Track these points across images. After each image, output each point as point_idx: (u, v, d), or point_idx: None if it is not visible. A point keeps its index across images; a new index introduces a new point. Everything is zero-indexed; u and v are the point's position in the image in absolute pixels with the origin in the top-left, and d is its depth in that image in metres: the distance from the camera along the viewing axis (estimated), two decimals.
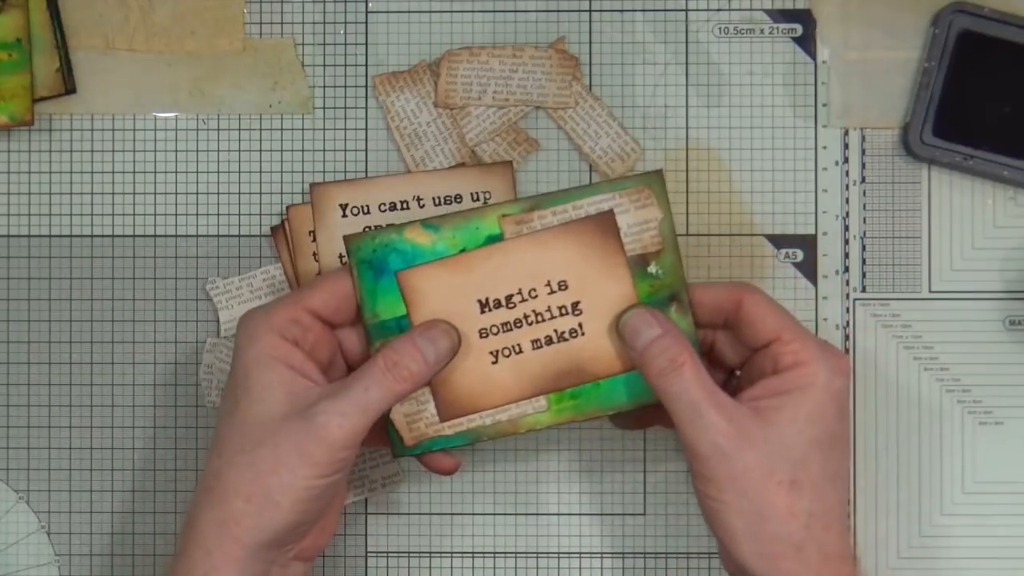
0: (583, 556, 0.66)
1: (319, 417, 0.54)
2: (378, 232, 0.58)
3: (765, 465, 0.54)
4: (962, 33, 0.65)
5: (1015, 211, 0.66)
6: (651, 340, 0.56)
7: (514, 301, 0.58)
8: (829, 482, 0.55)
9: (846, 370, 0.56)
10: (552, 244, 0.58)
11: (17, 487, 0.67)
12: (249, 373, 0.56)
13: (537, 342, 0.58)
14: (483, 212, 0.58)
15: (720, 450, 0.54)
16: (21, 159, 0.67)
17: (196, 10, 0.67)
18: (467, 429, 0.59)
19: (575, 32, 0.67)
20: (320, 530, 0.58)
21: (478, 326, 0.58)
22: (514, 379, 0.58)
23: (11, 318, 0.67)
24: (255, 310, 0.57)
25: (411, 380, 0.56)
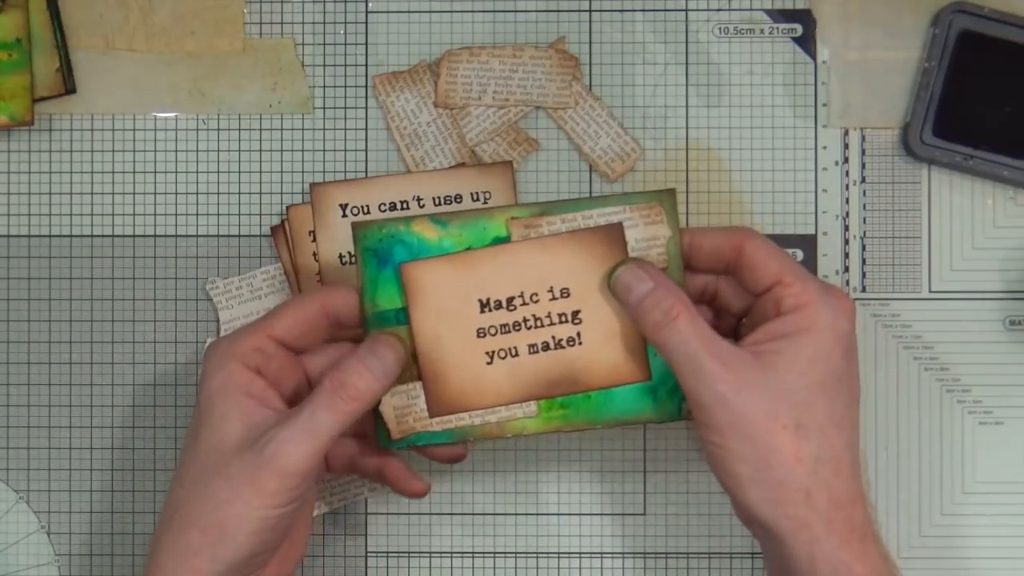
0: (583, 556, 0.66)
1: (269, 446, 0.54)
2: (386, 222, 0.58)
3: (768, 409, 0.53)
4: (962, 33, 0.65)
5: (1015, 211, 0.66)
6: (644, 294, 0.55)
7: (515, 304, 0.58)
8: (836, 426, 0.54)
9: (850, 311, 0.55)
10: (558, 251, 0.58)
11: (17, 487, 0.67)
12: (211, 402, 0.56)
13: (534, 347, 0.58)
14: (492, 213, 0.58)
15: (721, 397, 0.53)
16: (21, 159, 0.67)
17: (196, 10, 0.67)
18: (455, 427, 0.59)
19: (575, 32, 0.67)
20: (283, 559, 0.58)
21: (476, 325, 0.58)
22: (507, 382, 0.58)
23: (11, 318, 0.67)
24: (221, 339, 0.57)
25: (359, 399, 0.55)
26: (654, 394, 0.58)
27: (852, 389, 0.55)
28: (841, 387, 0.55)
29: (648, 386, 0.58)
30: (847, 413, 0.55)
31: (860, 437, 0.56)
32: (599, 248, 0.57)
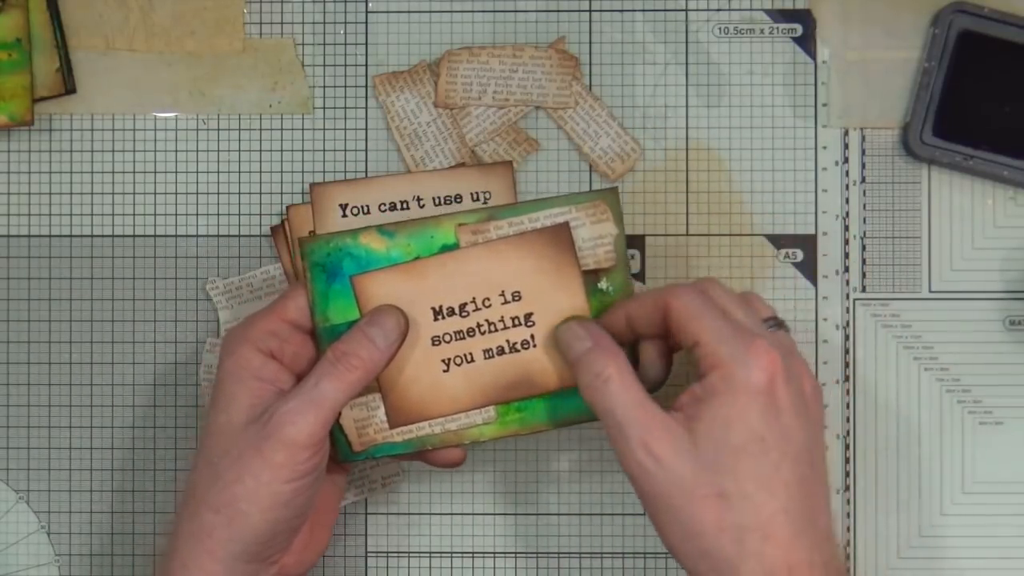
0: (583, 556, 0.66)
1: (273, 418, 0.54)
2: (333, 236, 0.58)
3: (688, 480, 0.52)
4: (962, 33, 0.65)
5: (1015, 211, 0.66)
6: (581, 353, 0.55)
7: (467, 310, 0.58)
8: (765, 489, 0.52)
9: (767, 367, 0.53)
10: (507, 254, 0.58)
11: (17, 487, 0.67)
12: (221, 386, 0.56)
13: (489, 352, 0.58)
14: (438, 221, 0.58)
15: (643, 468, 0.52)
16: (21, 159, 0.67)
17: (196, 10, 0.67)
18: (415, 437, 0.59)
19: (575, 32, 0.67)
20: (305, 546, 0.58)
21: (431, 333, 0.58)
22: (464, 388, 0.58)
23: (11, 318, 0.67)
24: (236, 325, 0.58)
25: (361, 367, 0.56)
26: None
27: (785, 447, 0.53)
28: (767, 447, 0.52)
29: None
30: (777, 475, 0.52)
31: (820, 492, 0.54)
32: (547, 249, 0.58)
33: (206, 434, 0.57)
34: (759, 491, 0.52)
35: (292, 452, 0.54)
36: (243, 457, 0.54)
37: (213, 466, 0.55)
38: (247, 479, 0.54)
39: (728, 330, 0.54)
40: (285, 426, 0.54)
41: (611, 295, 0.58)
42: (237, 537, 0.54)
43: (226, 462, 0.55)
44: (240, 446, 0.55)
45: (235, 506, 0.54)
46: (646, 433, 0.52)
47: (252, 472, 0.54)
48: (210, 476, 0.55)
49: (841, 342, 0.66)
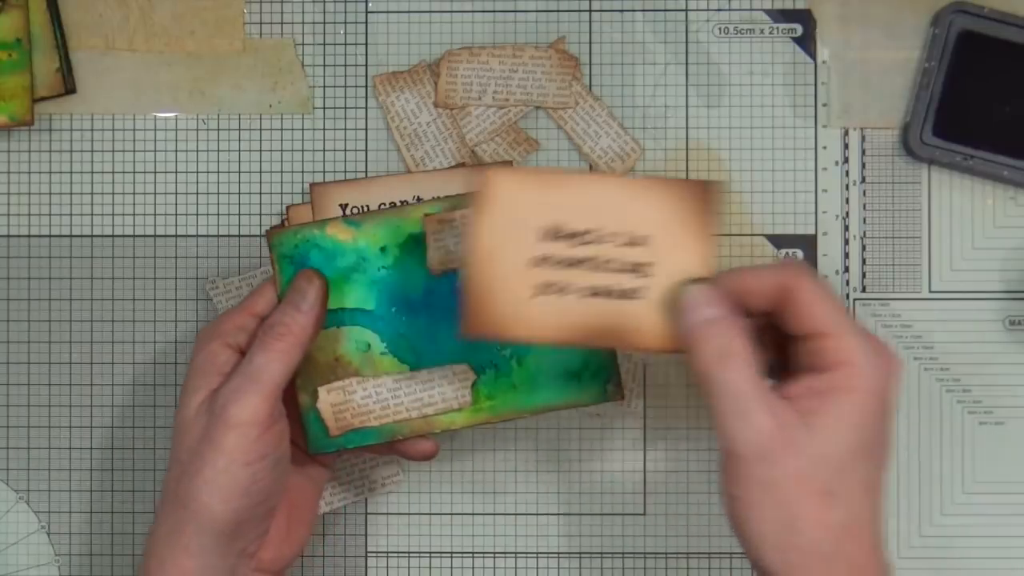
0: (583, 556, 0.66)
1: (217, 403, 0.55)
2: (300, 227, 0.58)
3: (803, 473, 0.51)
4: (962, 33, 0.65)
5: (1015, 211, 0.66)
6: (706, 320, 0.52)
7: (586, 239, 0.54)
8: (865, 492, 0.52)
9: (895, 371, 0.52)
10: (650, 194, 0.54)
11: (17, 487, 0.67)
12: (187, 381, 0.57)
13: (589, 290, 0.54)
14: (405, 211, 0.58)
15: (759, 452, 0.51)
16: (21, 159, 0.67)
17: (196, 10, 0.67)
18: (390, 423, 0.58)
19: (575, 32, 0.67)
20: (282, 540, 0.58)
21: (535, 253, 0.54)
22: (550, 321, 0.54)
23: (11, 318, 0.67)
24: (209, 322, 0.58)
25: (288, 334, 0.56)
26: (578, 378, 0.59)
27: (885, 453, 0.53)
28: (875, 451, 0.52)
29: (572, 371, 0.58)
30: (877, 478, 0.52)
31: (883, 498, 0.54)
32: (693, 204, 0.54)
33: (174, 432, 0.57)
34: (863, 494, 0.52)
35: (240, 432, 0.54)
36: (198, 448, 0.55)
37: (178, 462, 0.56)
38: (205, 470, 0.54)
39: (854, 326, 0.52)
40: (228, 408, 0.54)
41: None
42: (205, 530, 0.54)
43: (185, 457, 0.55)
44: (193, 437, 0.55)
45: (198, 498, 0.54)
46: (770, 418, 0.51)
47: (208, 461, 0.54)
48: (176, 473, 0.56)
49: None
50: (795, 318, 0.53)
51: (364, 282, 0.58)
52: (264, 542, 0.57)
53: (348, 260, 0.58)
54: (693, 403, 0.66)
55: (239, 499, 0.54)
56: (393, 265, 0.59)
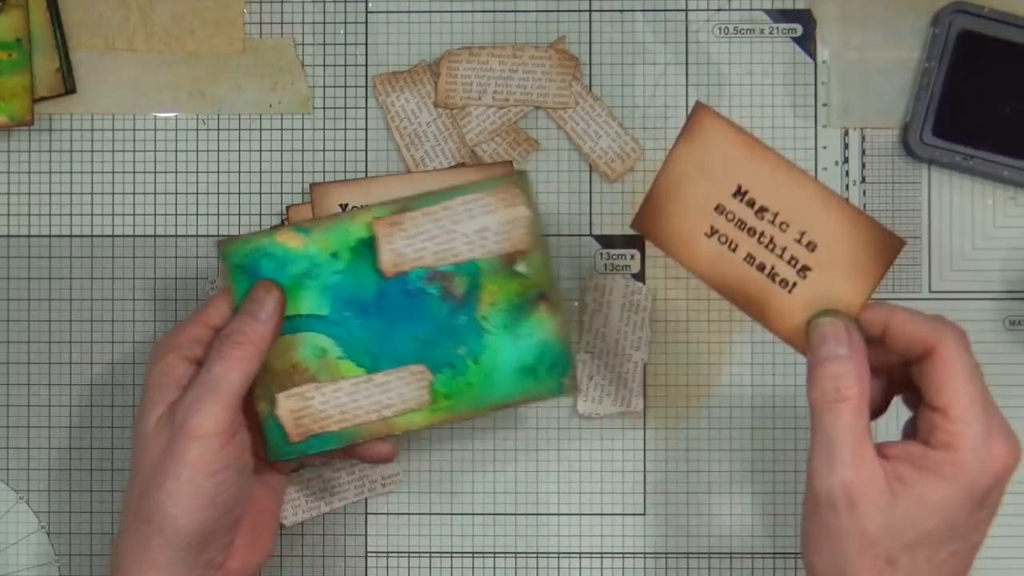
0: (583, 556, 0.66)
1: (177, 415, 0.54)
2: (250, 237, 0.58)
3: (869, 536, 0.51)
4: (962, 33, 0.65)
5: (1015, 211, 0.66)
6: (832, 356, 0.53)
7: (764, 216, 0.55)
8: (933, 572, 0.51)
9: (999, 469, 0.51)
10: (840, 216, 0.55)
11: (17, 487, 0.67)
12: (145, 395, 0.57)
13: (751, 258, 0.55)
14: (353, 216, 0.58)
15: (831, 502, 0.51)
16: (21, 159, 0.67)
17: (196, 10, 0.67)
18: (350, 427, 0.58)
19: (575, 32, 0.67)
20: (248, 548, 0.58)
21: (720, 202, 0.55)
22: (710, 262, 0.56)
23: (11, 318, 0.67)
24: (163, 335, 0.58)
25: (245, 343, 0.56)
26: (534, 373, 0.59)
27: (968, 538, 0.52)
28: (955, 536, 0.52)
29: (527, 366, 0.59)
30: (952, 561, 0.52)
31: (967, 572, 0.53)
32: (874, 248, 0.55)
33: (133, 446, 0.57)
34: (927, 572, 0.51)
35: (203, 444, 0.54)
36: (160, 460, 0.54)
37: (139, 475, 0.55)
38: (168, 482, 0.54)
39: (980, 412, 0.51)
40: (188, 419, 0.54)
41: (530, 277, 0.58)
42: (171, 543, 0.54)
43: (147, 470, 0.55)
44: (155, 450, 0.55)
45: (163, 511, 0.54)
46: (859, 476, 0.51)
47: (171, 474, 0.54)
48: (139, 487, 0.55)
49: None
50: (925, 380, 0.52)
51: (317, 288, 0.59)
52: (230, 552, 0.57)
53: (300, 267, 0.58)
54: (693, 403, 0.66)
55: (205, 510, 0.54)
56: (345, 270, 0.59)
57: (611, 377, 0.66)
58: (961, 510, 0.51)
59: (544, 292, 0.58)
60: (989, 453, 0.51)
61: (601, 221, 0.67)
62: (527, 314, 0.59)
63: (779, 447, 0.66)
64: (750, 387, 0.66)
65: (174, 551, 0.54)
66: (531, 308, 0.58)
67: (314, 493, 0.66)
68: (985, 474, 0.51)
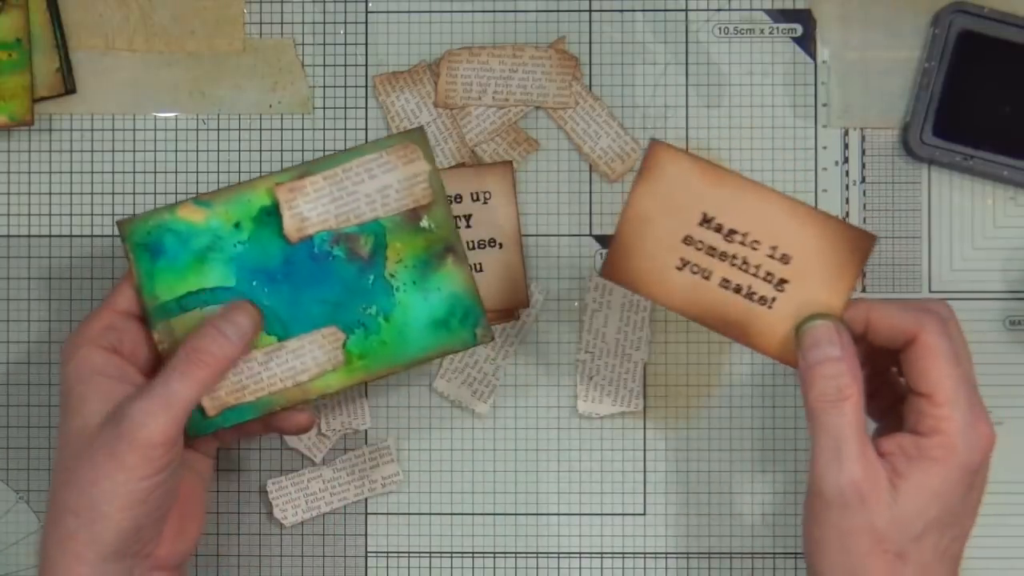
0: (583, 556, 0.66)
1: (125, 420, 0.54)
2: (150, 214, 0.58)
3: (878, 531, 0.52)
4: (962, 33, 0.65)
5: (1015, 211, 0.66)
6: (827, 359, 0.53)
7: (733, 238, 0.55)
8: (939, 559, 0.53)
9: (988, 447, 0.53)
10: (806, 222, 0.55)
11: (17, 487, 0.67)
12: (70, 392, 0.56)
13: (727, 283, 0.56)
14: (253, 184, 0.59)
15: (842, 499, 0.52)
16: (21, 159, 0.67)
17: (196, 10, 0.67)
18: (265, 396, 0.58)
19: (575, 32, 0.67)
20: (176, 536, 0.58)
21: (689, 232, 0.55)
22: (685, 294, 0.56)
23: (11, 318, 0.67)
24: (72, 331, 0.58)
25: (213, 363, 0.56)
26: (447, 326, 0.59)
27: (964, 522, 0.54)
28: (954, 521, 0.53)
29: (439, 319, 0.59)
30: (951, 547, 0.53)
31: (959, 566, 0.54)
32: (845, 248, 0.55)
33: (62, 440, 0.56)
34: (936, 562, 0.52)
35: (145, 452, 0.54)
36: (96, 458, 0.54)
37: (70, 471, 0.55)
38: (103, 481, 0.54)
39: (964, 394, 0.52)
40: (138, 428, 0.54)
41: (434, 231, 0.59)
42: (100, 539, 0.54)
43: (80, 464, 0.54)
44: (93, 448, 0.54)
45: (95, 508, 0.54)
46: (862, 470, 0.52)
47: (107, 474, 0.54)
48: (67, 480, 0.55)
49: None
50: (909, 367, 0.53)
51: (222, 260, 0.59)
52: (159, 541, 0.57)
53: (203, 241, 0.59)
54: (693, 403, 0.66)
55: (138, 508, 0.54)
56: (248, 239, 0.59)
57: (611, 377, 0.66)
58: (956, 493, 0.52)
59: (450, 245, 0.59)
60: (976, 432, 0.52)
61: (601, 221, 0.67)
62: (435, 269, 0.59)
63: (779, 447, 0.66)
64: (750, 387, 0.66)
65: (102, 546, 0.54)
66: (438, 262, 0.59)
67: (314, 493, 0.66)
68: (974, 453, 0.52)
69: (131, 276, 0.58)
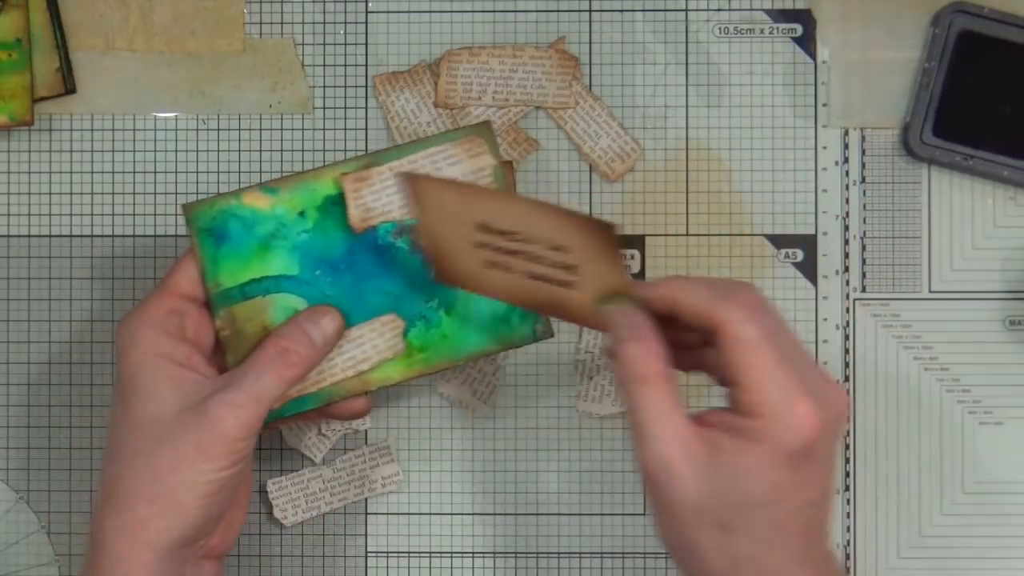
0: (583, 556, 0.66)
1: (213, 411, 0.54)
2: (216, 199, 0.58)
3: (700, 504, 0.51)
4: (962, 33, 0.65)
5: (1015, 211, 0.66)
6: (618, 341, 0.53)
7: (514, 238, 0.55)
8: (773, 529, 0.51)
9: (808, 429, 0.50)
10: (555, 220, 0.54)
11: (17, 487, 0.67)
12: (136, 376, 0.56)
13: (529, 273, 0.55)
14: (320, 173, 0.59)
15: (654, 477, 0.51)
16: (21, 159, 0.67)
17: (196, 10, 0.67)
18: (326, 386, 0.58)
19: (575, 32, 0.67)
20: (228, 526, 0.58)
21: (474, 239, 0.55)
22: (503, 287, 0.56)
23: (11, 318, 0.67)
24: (130, 312, 0.57)
25: (301, 365, 0.56)
26: (507, 321, 0.59)
27: (802, 494, 0.51)
28: (785, 496, 0.51)
29: (500, 314, 0.59)
30: (787, 520, 0.51)
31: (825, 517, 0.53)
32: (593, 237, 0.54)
33: (128, 425, 0.55)
34: (769, 531, 0.51)
35: (230, 444, 0.54)
36: (178, 446, 0.54)
37: (144, 457, 0.54)
38: (184, 469, 0.54)
39: (779, 377, 0.51)
40: (226, 420, 0.54)
41: None
42: (173, 526, 0.54)
43: (159, 452, 0.54)
44: (174, 436, 0.54)
45: (171, 496, 0.54)
46: (669, 448, 0.51)
47: (189, 462, 0.54)
48: (140, 468, 0.55)
49: (841, 342, 0.66)
50: (718, 354, 0.52)
51: (286, 248, 0.59)
52: (214, 531, 0.57)
53: (268, 227, 0.59)
54: (693, 403, 0.66)
55: (214, 496, 0.55)
56: (313, 228, 0.59)
57: (611, 377, 0.66)
58: (778, 472, 0.51)
59: None
60: (792, 415, 0.50)
61: None
62: None
63: None
64: None
65: (175, 533, 0.54)
66: None
67: (314, 493, 0.66)
68: (791, 436, 0.50)
69: (194, 259, 0.58)
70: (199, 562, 0.57)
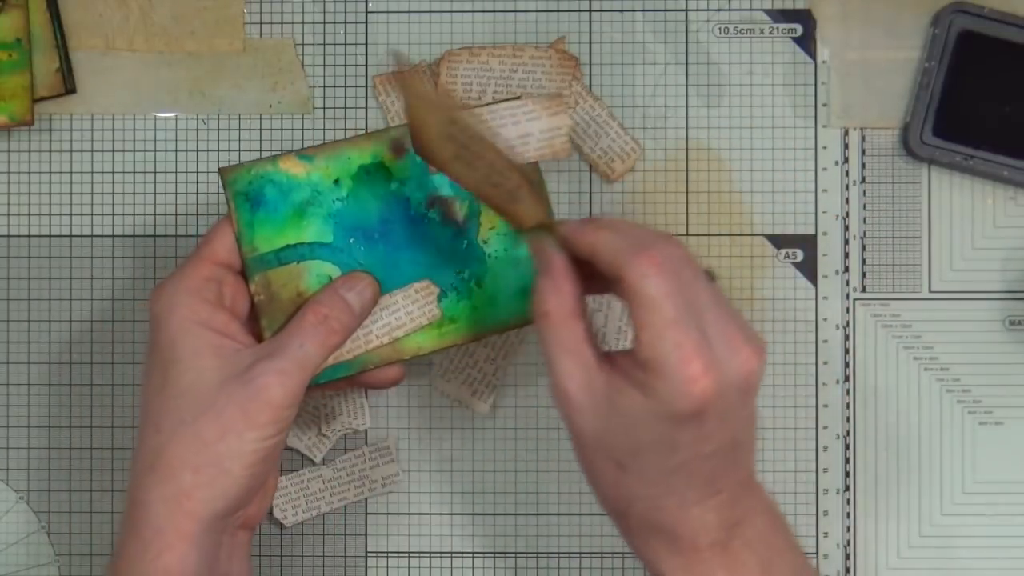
0: (583, 556, 0.66)
1: (259, 379, 0.54)
2: (253, 163, 0.58)
3: (594, 436, 0.52)
4: (962, 33, 0.65)
5: (1015, 211, 0.66)
6: (540, 275, 0.53)
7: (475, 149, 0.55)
8: (668, 475, 0.51)
9: (700, 396, 0.50)
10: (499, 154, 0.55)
11: (17, 487, 0.67)
12: (175, 344, 0.55)
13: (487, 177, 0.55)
14: (355, 142, 0.59)
15: (561, 410, 0.53)
16: (21, 159, 0.67)
17: (196, 10, 0.67)
18: (362, 353, 0.58)
19: (575, 32, 0.67)
20: (263, 495, 0.58)
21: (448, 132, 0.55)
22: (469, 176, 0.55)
23: (11, 318, 0.67)
24: (166, 280, 0.57)
25: (342, 331, 0.56)
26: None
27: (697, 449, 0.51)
28: (677, 448, 0.51)
29: (529, 287, 0.58)
30: (690, 466, 0.51)
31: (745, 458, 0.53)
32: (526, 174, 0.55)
33: (169, 394, 0.55)
34: (663, 475, 0.52)
35: (277, 412, 0.54)
36: (224, 415, 0.54)
37: (188, 425, 0.54)
38: (230, 438, 0.54)
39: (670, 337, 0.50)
40: (272, 387, 0.54)
41: None
42: (220, 495, 0.54)
43: (204, 420, 0.54)
44: (219, 405, 0.54)
45: (218, 465, 0.54)
46: (572, 384, 0.52)
47: (235, 431, 0.54)
48: (185, 436, 0.54)
49: (841, 342, 0.66)
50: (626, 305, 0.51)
51: (321, 215, 0.59)
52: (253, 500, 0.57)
53: (303, 194, 0.59)
54: None
55: (259, 465, 0.54)
56: (347, 197, 0.59)
57: None
58: (665, 426, 0.51)
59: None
60: (682, 376, 0.50)
61: None
62: None
63: (779, 447, 0.66)
64: None
65: (220, 502, 0.54)
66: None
67: (314, 493, 0.66)
68: (679, 397, 0.50)
69: (231, 226, 0.58)
70: (235, 531, 0.57)
